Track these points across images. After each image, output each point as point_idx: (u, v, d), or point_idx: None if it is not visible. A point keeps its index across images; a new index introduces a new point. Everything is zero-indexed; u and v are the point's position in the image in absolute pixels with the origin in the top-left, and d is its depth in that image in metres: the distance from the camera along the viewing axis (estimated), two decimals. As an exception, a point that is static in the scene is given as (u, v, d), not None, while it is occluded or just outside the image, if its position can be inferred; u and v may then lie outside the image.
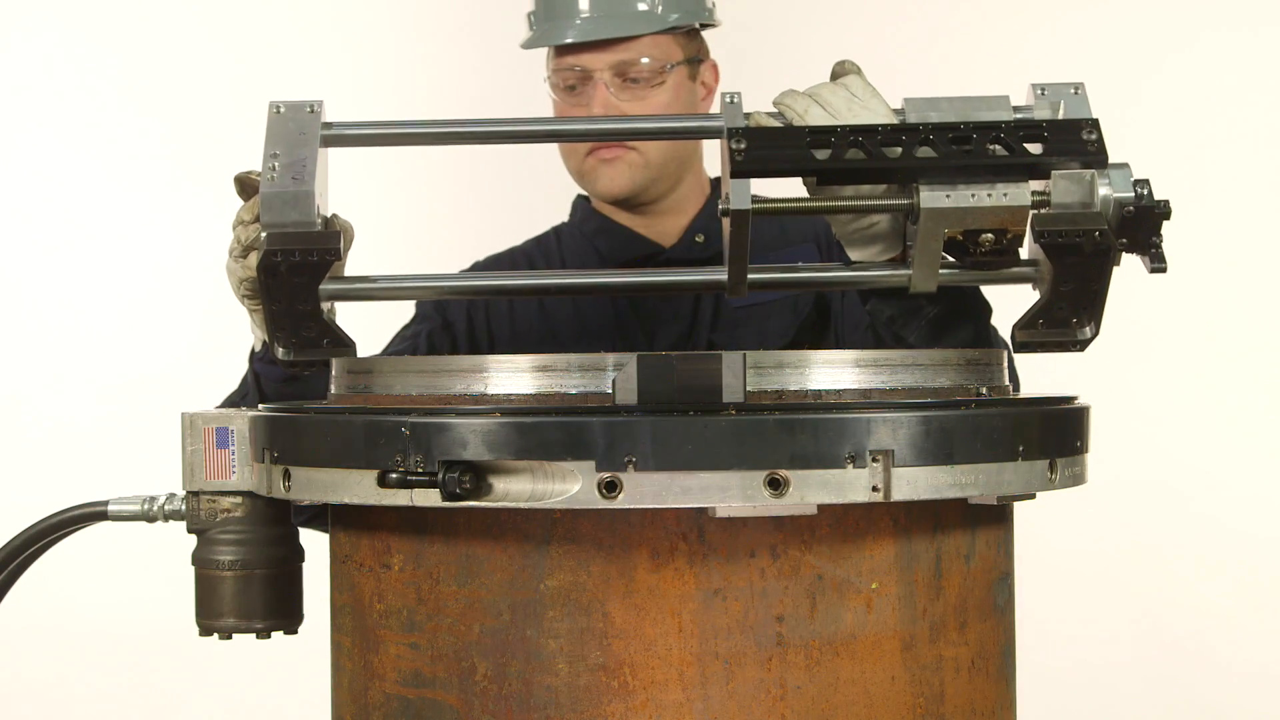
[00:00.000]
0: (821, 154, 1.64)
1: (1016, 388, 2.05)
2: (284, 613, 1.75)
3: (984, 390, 1.63)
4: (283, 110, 1.77)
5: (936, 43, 4.93)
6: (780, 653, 1.50)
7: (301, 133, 1.74)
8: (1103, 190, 1.70)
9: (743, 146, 1.62)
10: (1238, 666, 4.68)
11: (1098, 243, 1.65)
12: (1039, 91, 1.79)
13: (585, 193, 2.78)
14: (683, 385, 1.46)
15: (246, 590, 1.72)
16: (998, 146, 1.64)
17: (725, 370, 1.47)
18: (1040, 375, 2.38)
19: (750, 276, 1.75)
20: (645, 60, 2.56)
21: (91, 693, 4.73)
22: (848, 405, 1.49)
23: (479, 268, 2.75)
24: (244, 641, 1.80)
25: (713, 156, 2.40)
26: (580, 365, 1.52)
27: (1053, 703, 4.03)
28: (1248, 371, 4.83)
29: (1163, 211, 1.71)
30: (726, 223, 1.68)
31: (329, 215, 1.79)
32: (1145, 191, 1.70)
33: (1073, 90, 1.79)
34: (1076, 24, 4.89)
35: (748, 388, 1.48)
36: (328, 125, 1.78)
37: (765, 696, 1.49)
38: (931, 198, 1.64)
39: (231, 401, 2.27)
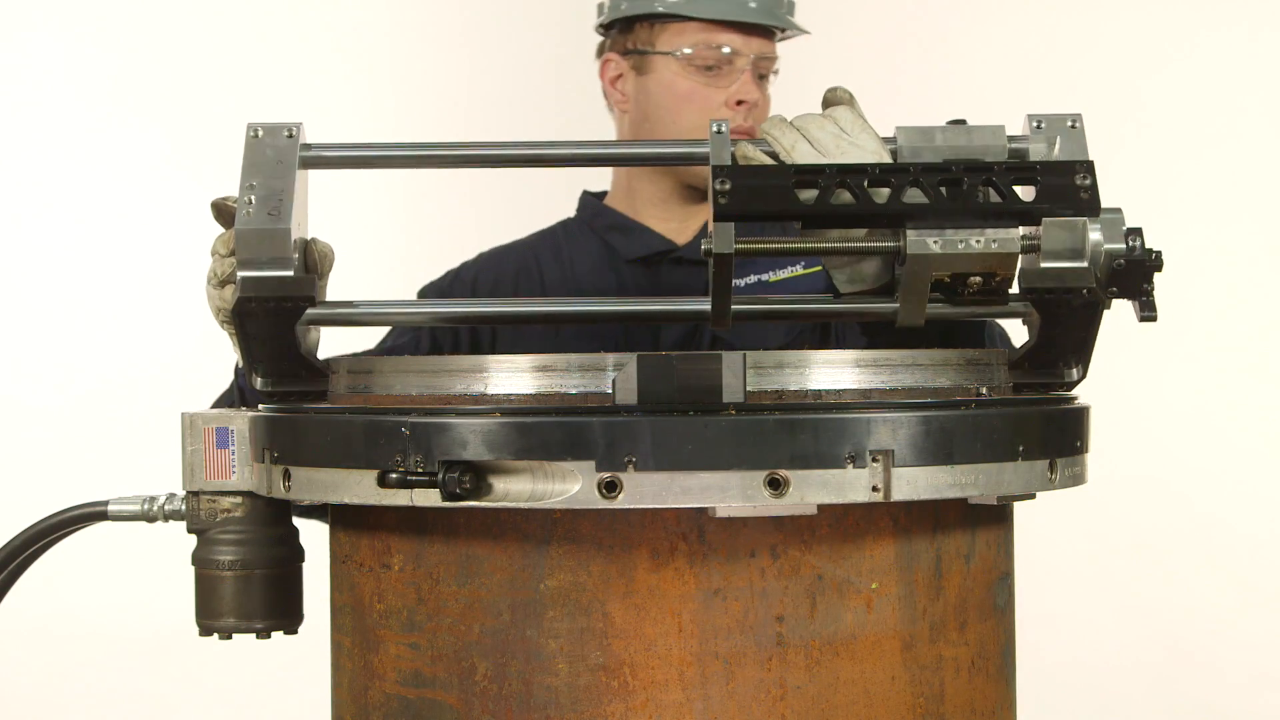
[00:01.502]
0: (807, 195, 1.60)
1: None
2: (284, 613, 1.74)
3: (984, 390, 1.63)
4: (260, 134, 1.71)
5: (939, 41, 4.93)
6: (780, 653, 1.50)
7: (279, 161, 1.68)
8: (1094, 236, 1.65)
9: (727, 188, 1.58)
10: (1237, 666, 4.69)
11: (1085, 297, 1.62)
12: (1035, 124, 1.74)
13: (594, 191, 2.77)
14: (683, 385, 1.46)
15: (246, 590, 1.72)
16: (989, 189, 1.59)
17: (725, 370, 1.46)
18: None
19: (738, 308, 1.73)
20: (773, 55, 2.65)
21: (91, 693, 4.73)
22: (848, 405, 1.49)
23: (483, 259, 2.75)
24: (244, 641, 1.80)
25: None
26: (580, 365, 1.52)
27: (1053, 703, 4.03)
28: (1248, 371, 4.83)
29: (1154, 264, 1.66)
30: (711, 261, 1.65)
31: (308, 239, 1.75)
32: (1137, 243, 1.66)
33: (1070, 124, 1.74)
34: (1084, 16, 4.90)
35: (748, 388, 1.48)
36: (307, 147, 1.73)
37: (765, 696, 1.49)
38: (919, 243, 1.60)
39: (221, 403, 2.27)
